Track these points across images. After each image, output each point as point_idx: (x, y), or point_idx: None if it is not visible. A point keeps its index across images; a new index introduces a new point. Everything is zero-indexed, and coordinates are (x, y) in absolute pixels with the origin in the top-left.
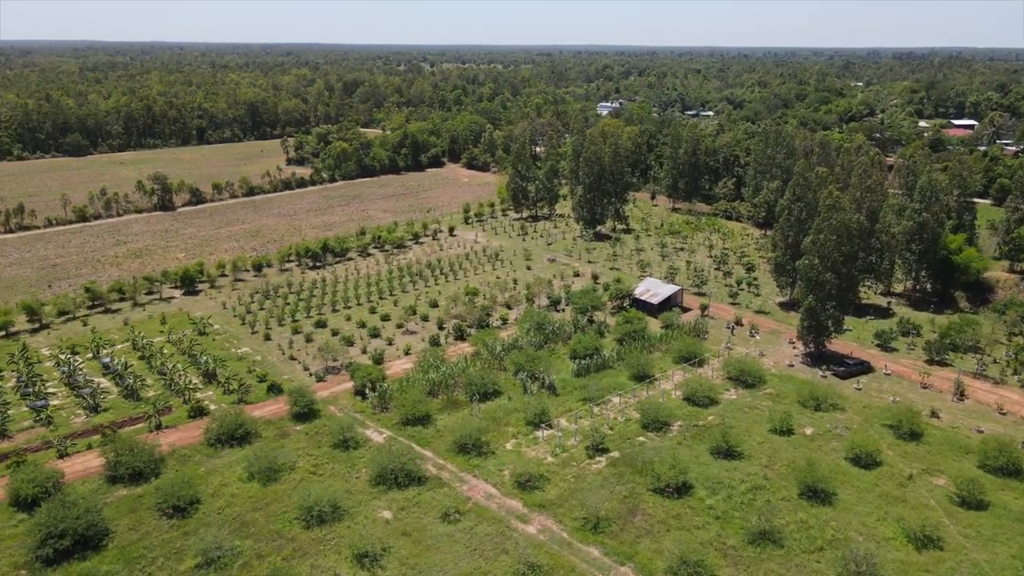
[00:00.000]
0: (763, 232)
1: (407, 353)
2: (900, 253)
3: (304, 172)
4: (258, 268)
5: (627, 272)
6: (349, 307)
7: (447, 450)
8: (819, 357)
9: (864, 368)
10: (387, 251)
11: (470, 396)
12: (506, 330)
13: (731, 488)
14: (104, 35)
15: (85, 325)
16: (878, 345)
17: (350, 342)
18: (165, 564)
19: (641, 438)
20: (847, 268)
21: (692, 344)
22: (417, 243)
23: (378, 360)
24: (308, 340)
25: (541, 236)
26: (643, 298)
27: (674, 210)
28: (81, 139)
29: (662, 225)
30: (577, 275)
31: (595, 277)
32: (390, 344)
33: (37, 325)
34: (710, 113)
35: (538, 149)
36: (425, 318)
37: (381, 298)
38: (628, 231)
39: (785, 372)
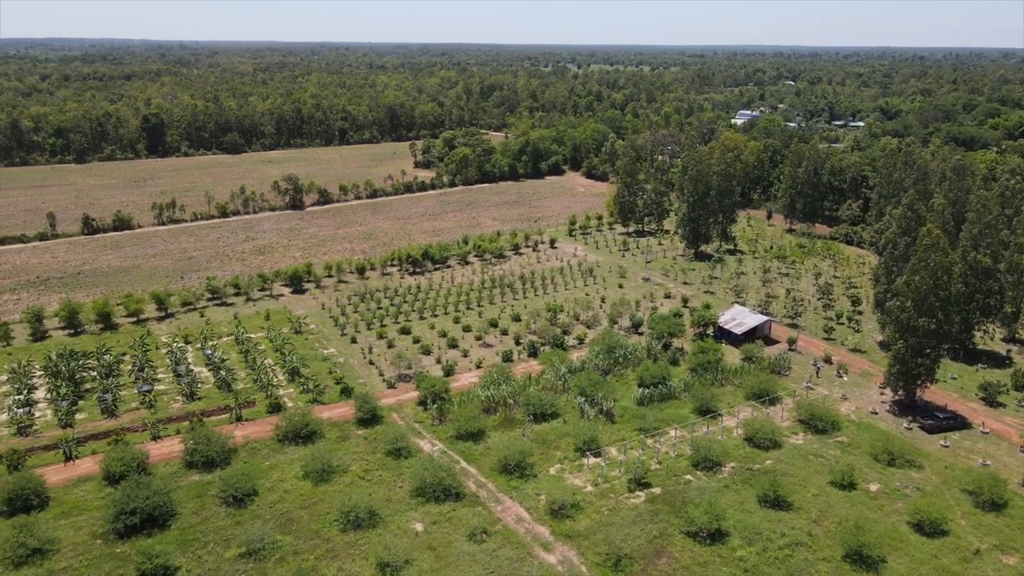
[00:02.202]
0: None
1: (478, 367)
2: None
3: (427, 175)
4: (361, 271)
5: (721, 297)
6: (436, 315)
7: (491, 469)
8: (909, 406)
9: (957, 423)
10: (486, 260)
11: (527, 416)
12: (580, 351)
13: (769, 540)
14: (282, 36)
15: (202, 316)
16: (982, 398)
17: (428, 351)
18: (214, 550)
19: (688, 476)
20: (945, 313)
21: (767, 380)
22: (517, 254)
23: (449, 372)
24: (390, 346)
25: (642, 253)
26: (727, 327)
27: (789, 231)
28: (238, 138)
29: (772, 247)
30: (668, 296)
31: (685, 300)
32: (465, 356)
33: (163, 314)
34: (860, 124)
35: (661, 159)
36: (505, 332)
37: (468, 308)
38: (733, 252)
39: (865, 420)
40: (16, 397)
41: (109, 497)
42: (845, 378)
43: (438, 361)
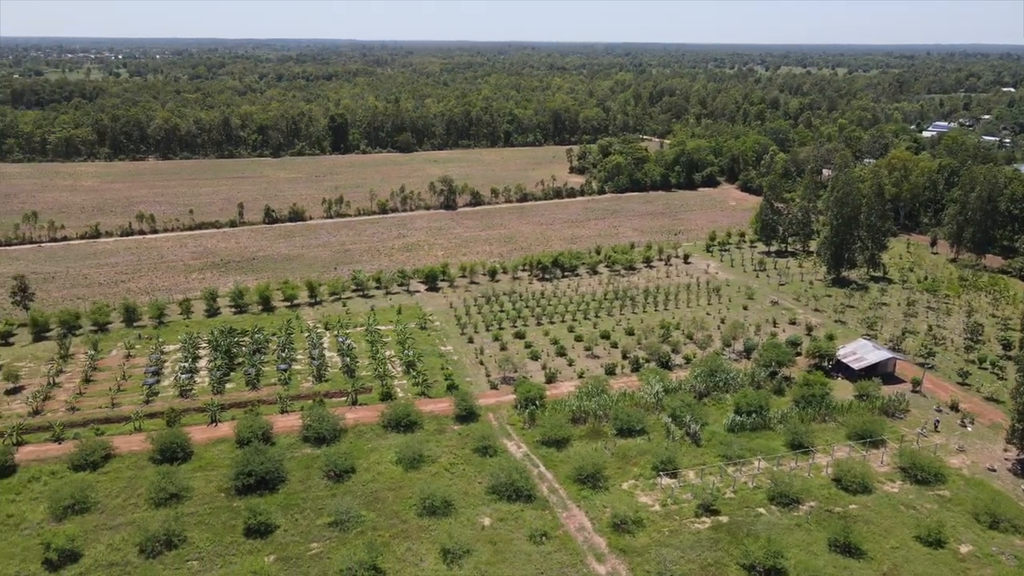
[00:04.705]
0: None
1: (580, 376)
2: None
3: (578, 181)
4: (492, 274)
5: (852, 328)
6: (552, 322)
7: (567, 476)
8: None
9: None
10: (615, 271)
11: (613, 430)
12: (684, 370)
13: None
14: (474, 35)
15: (344, 306)
16: None
17: (536, 356)
18: (309, 515)
19: (761, 510)
20: None
21: (874, 422)
22: (648, 267)
23: (551, 379)
24: (503, 348)
25: (778, 274)
26: (845, 360)
27: (952, 261)
28: (410, 138)
29: (926, 278)
30: (793, 323)
31: (810, 329)
32: (570, 365)
33: (313, 301)
34: None
35: (826, 174)
36: (615, 345)
37: (585, 318)
38: (879, 280)
39: (977, 476)
40: (182, 364)
41: (236, 458)
42: (969, 428)
43: (544, 367)
